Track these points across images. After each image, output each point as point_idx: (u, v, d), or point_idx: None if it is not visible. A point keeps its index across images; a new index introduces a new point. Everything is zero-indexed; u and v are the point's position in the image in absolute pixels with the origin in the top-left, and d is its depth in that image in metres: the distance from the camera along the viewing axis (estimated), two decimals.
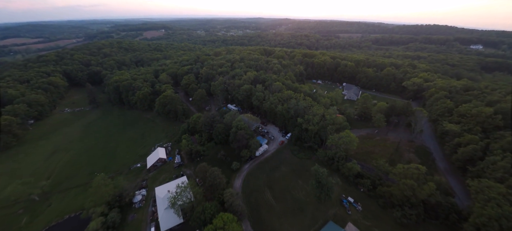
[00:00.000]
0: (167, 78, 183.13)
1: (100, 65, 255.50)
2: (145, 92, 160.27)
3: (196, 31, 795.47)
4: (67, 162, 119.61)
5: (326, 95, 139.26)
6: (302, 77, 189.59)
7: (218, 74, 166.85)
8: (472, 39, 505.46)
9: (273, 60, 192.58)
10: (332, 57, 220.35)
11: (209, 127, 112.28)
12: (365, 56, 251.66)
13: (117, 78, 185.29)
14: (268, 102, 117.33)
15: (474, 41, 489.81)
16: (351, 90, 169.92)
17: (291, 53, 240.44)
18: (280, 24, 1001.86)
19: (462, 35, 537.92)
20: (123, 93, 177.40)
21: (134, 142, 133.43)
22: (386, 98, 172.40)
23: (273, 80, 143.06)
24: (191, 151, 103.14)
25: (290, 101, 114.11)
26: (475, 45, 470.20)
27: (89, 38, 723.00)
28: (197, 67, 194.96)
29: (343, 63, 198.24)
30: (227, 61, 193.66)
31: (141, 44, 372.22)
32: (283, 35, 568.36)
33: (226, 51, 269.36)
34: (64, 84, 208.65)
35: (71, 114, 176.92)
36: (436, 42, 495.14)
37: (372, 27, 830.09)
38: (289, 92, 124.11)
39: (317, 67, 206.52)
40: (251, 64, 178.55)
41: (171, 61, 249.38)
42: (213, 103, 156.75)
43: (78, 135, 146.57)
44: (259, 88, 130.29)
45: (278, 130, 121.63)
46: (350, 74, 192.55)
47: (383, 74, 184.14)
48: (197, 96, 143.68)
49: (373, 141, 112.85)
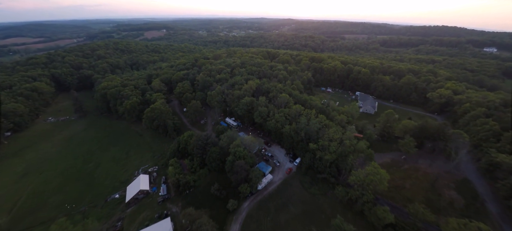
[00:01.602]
0: (160, 85, 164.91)
1: (92, 69, 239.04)
2: (133, 102, 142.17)
3: (197, 31, 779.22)
4: (36, 188, 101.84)
5: (341, 110, 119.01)
6: (310, 85, 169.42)
7: (216, 82, 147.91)
8: (485, 41, 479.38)
9: (278, 66, 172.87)
10: (343, 62, 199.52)
11: (201, 150, 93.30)
12: (378, 61, 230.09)
13: (105, 85, 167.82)
14: (272, 120, 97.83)
15: (488, 43, 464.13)
16: (367, 101, 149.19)
17: (297, 57, 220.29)
18: (283, 25, 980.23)
19: (473, 37, 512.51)
20: (111, 101, 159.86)
21: (117, 163, 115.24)
22: (407, 111, 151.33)
23: (278, 91, 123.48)
24: (179, 182, 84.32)
25: (300, 120, 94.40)
26: (489, 48, 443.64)
27: (90, 38, 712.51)
28: (193, 73, 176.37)
29: (356, 69, 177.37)
30: (226, 66, 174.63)
31: (138, 45, 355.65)
32: (287, 36, 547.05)
33: (226, 53, 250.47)
34: (50, 90, 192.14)
35: (54, 125, 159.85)
36: (447, 45, 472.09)
37: (377, 28, 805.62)
38: (298, 106, 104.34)
39: (326, 73, 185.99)
40: (253, 70, 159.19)
41: (167, 65, 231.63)
42: (210, 115, 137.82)
43: (57, 151, 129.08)
44: (262, 101, 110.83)
45: (285, 152, 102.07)
46: (364, 82, 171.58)
47: (403, 83, 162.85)
48: (191, 109, 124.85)
49: (401, 171, 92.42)
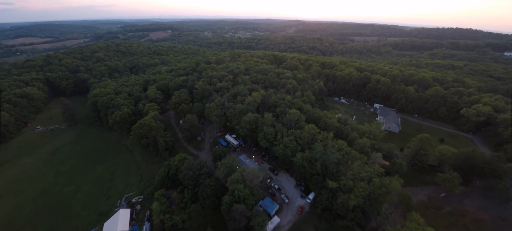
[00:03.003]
0: (156, 93, 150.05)
1: (90, 72, 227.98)
2: (123, 113, 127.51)
3: (203, 32, 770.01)
4: (5, 216, 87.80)
5: (361, 129, 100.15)
6: (322, 95, 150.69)
7: (216, 91, 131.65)
8: (505, 45, 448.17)
9: (286, 73, 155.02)
10: (358, 68, 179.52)
11: (194, 182, 76.75)
12: (396, 67, 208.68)
13: (97, 92, 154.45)
14: (281, 145, 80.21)
15: (508, 47, 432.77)
16: (389, 117, 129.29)
17: (306, 62, 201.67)
18: (289, 26, 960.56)
19: (491, 41, 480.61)
20: (101, 111, 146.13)
21: (100, 186, 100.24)
22: (436, 129, 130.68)
23: (286, 105, 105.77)
24: (164, 224, 67.93)
25: (314, 147, 76.45)
26: (509, 52, 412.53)
27: (96, 38, 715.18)
28: (193, 79, 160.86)
29: (374, 78, 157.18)
30: (229, 72, 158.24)
31: (141, 47, 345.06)
32: (294, 38, 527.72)
33: (230, 57, 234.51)
34: (42, 96, 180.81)
35: (41, 135, 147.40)
36: (464, 48, 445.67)
37: (387, 30, 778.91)
38: (311, 127, 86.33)
39: (340, 81, 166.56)
40: (258, 78, 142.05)
41: (167, 69, 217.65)
42: (208, 130, 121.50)
43: (38, 168, 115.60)
44: (268, 119, 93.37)
45: (295, 183, 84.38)
46: (384, 93, 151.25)
47: (429, 95, 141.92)
48: (186, 124, 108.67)
49: (442, 216, 72.98)
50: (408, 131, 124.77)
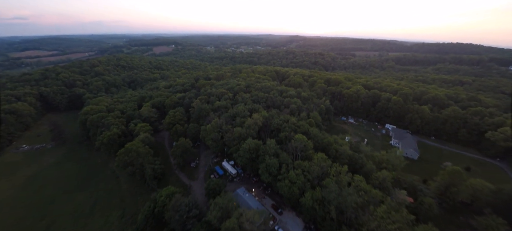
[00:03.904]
0: (150, 111, 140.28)
1: (86, 87, 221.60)
2: (112, 134, 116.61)
3: (205, 47, 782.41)
4: None
5: (377, 158, 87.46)
6: (329, 115, 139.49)
7: (214, 111, 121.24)
8: (509, 59, 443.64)
9: (289, 91, 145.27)
10: (366, 86, 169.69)
11: (181, 226, 63.48)
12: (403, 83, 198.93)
13: (88, 110, 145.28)
14: (286, 181, 67.54)
15: None
16: (405, 140, 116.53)
17: (310, 78, 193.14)
18: (291, 41, 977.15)
19: (495, 55, 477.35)
20: (91, 130, 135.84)
21: (75, 221, 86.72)
22: (458, 154, 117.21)
23: (291, 128, 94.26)
24: None
25: (327, 184, 63.68)
26: None
27: (101, 52, 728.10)
28: (190, 96, 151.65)
29: (384, 96, 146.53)
30: (228, 89, 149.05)
31: (142, 61, 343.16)
32: (296, 53, 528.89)
33: (231, 72, 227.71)
34: (32, 112, 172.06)
35: (25, 156, 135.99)
36: (468, 63, 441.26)
37: (387, 45, 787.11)
38: (321, 157, 73.99)
39: (347, 100, 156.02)
40: (259, 96, 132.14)
41: (165, 84, 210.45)
42: (204, 155, 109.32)
43: (10, 197, 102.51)
44: (271, 147, 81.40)
45: (303, 226, 70.39)
46: (396, 113, 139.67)
47: (447, 115, 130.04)
48: (178, 150, 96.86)
49: None
50: (428, 158, 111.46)
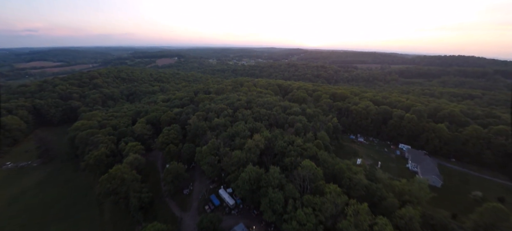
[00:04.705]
0: (144, 128, 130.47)
1: (82, 99, 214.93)
2: (99, 154, 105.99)
3: (208, 59, 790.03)
4: None
5: (398, 187, 74.99)
6: (337, 134, 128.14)
7: (212, 130, 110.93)
8: None
9: (293, 107, 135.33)
10: (374, 101, 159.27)
11: None
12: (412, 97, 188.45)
13: (78, 125, 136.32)
14: (293, 223, 55.41)
15: None
16: (425, 164, 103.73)
17: (314, 93, 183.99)
18: (292, 54, 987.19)
19: (499, 68, 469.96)
20: (79, 147, 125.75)
21: None
22: (485, 180, 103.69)
23: (297, 152, 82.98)
24: None
25: (344, 228, 51.35)
26: None
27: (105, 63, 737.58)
28: (187, 112, 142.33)
29: (396, 113, 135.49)
30: (228, 104, 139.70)
31: (143, 74, 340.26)
32: (298, 66, 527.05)
33: (232, 86, 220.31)
34: (22, 126, 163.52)
35: (7, 175, 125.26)
36: (473, 76, 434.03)
37: (389, 57, 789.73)
38: (334, 191, 62.08)
39: (356, 116, 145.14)
40: (261, 113, 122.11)
41: (163, 98, 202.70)
42: (199, 180, 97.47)
43: None
44: (275, 176, 69.75)
45: None
46: (410, 131, 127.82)
47: (468, 135, 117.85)
48: (169, 176, 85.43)
49: None
50: (452, 185, 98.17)
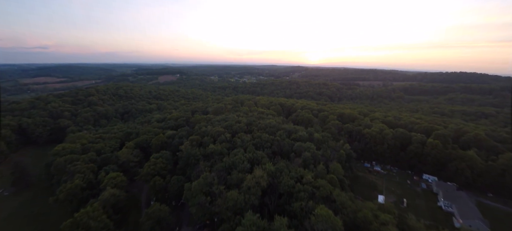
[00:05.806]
0: (130, 153, 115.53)
1: (73, 118, 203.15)
2: (73, 187, 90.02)
3: (209, 77, 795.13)
4: None
5: None
6: (350, 163, 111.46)
7: (206, 158, 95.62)
8: None
9: (299, 131, 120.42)
10: (388, 122, 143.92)
11: None
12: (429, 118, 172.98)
13: (58, 150, 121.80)
14: None
15: None
16: (461, 202, 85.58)
17: (320, 113, 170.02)
18: (293, 71, 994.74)
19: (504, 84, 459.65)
20: (55, 176, 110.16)
21: None
22: None
23: (308, 193, 66.61)
24: None
25: None
26: None
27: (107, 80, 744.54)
28: (181, 135, 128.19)
29: (416, 138, 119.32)
30: (226, 127, 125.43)
31: (142, 91, 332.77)
32: (299, 83, 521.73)
33: (232, 104, 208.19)
34: (1, 147, 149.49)
35: None
36: (479, 92, 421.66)
37: (390, 74, 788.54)
38: None
39: (369, 141, 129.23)
40: (263, 139, 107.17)
41: (158, 117, 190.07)
42: (186, 224, 79.99)
43: None
44: (282, 228, 53.00)
45: None
46: (435, 160, 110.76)
47: (504, 164, 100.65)
48: (149, 222, 68.34)
49: None
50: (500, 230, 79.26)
